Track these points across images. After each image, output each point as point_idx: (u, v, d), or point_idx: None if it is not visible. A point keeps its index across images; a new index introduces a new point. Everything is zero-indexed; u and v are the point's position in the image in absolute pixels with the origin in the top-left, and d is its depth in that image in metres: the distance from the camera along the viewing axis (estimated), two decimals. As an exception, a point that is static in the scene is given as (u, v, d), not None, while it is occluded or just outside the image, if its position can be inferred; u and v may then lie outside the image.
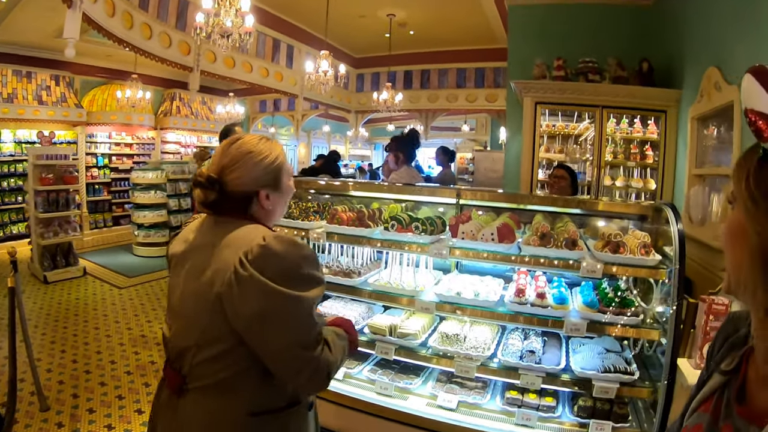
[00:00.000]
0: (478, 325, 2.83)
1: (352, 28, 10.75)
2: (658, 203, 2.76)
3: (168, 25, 8.15)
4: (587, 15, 6.17)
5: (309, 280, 1.47)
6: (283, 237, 1.49)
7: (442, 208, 3.25)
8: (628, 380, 2.37)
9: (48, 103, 10.44)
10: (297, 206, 3.20)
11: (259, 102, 15.85)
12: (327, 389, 2.69)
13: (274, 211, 1.67)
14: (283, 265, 1.43)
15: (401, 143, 4.67)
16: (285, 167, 1.67)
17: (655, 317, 2.54)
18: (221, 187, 1.56)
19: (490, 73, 12.32)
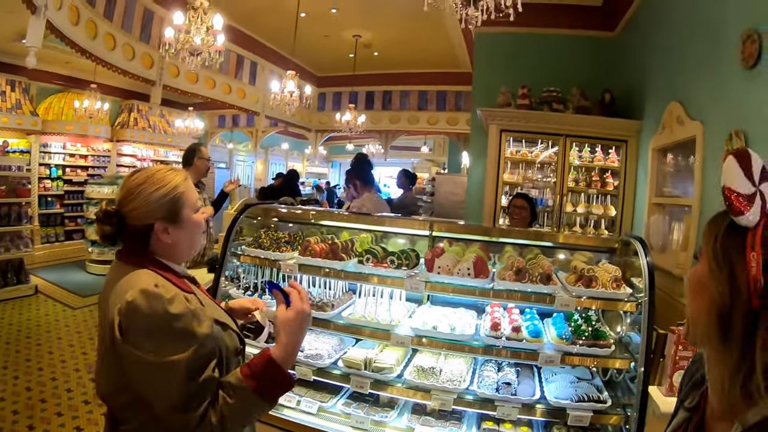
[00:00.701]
0: (452, 358, 2.83)
1: (317, 47, 10.80)
2: (626, 236, 2.84)
3: (132, 36, 8.01)
4: (552, 45, 6.34)
5: (180, 340, 1.37)
6: (151, 292, 1.38)
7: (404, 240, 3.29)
8: (601, 408, 2.41)
9: (2, 109, 10.02)
10: (267, 236, 3.15)
11: (218, 117, 15.69)
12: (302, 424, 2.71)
13: (177, 246, 1.59)
14: (147, 325, 1.36)
15: (354, 171, 4.69)
16: (186, 199, 1.59)
17: (622, 346, 2.61)
18: (121, 221, 1.53)
19: (452, 97, 12.53)
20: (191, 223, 1.61)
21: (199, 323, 1.42)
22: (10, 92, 10.29)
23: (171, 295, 1.40)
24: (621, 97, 5.44)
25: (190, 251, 1.66)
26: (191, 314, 1.41)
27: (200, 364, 1.38)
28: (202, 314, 1.46)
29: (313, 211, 3.78)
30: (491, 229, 3.87)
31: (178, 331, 1.37)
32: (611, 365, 2.52)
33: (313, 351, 2.82)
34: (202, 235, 1.69)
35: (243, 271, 3.32)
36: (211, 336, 1.46)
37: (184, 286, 1.52)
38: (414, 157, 19.72)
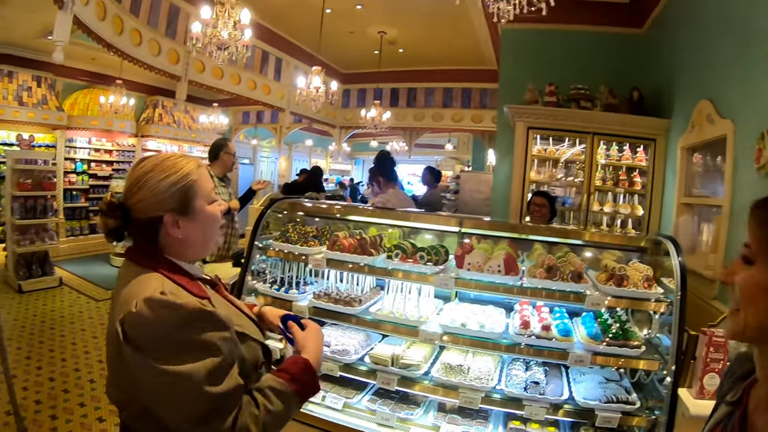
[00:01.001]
0: (480, 356, 2.80)
1: (342, 43, 10.79)
2: (657, 235, 2.79)
3: (158, 32, 8.06)
4: (579, 41, 6.26)
5: (192, 349, 1.24)
6: (157, 299, 1.24)
7: (431, 235, 3.25)
8: (630, 410, 2.37)
9: (29, 105, 10.21)
10: (294, 230, 3.15)
11: (242, 113, 15.77)
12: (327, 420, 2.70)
13: (189, 241, 1.44)
14: (156, 334, 1.23)
15: (377, 168, 4.68)
16: (198, 188, 1.44)
17: (652, 347, 2.56)
18: (126, 213, 1.39)
19: (477, 94, 12.43)
20: (205, 216, 1.46)
21: (214, 328, 1.29)
22: (36, 88, 10.48)
23: (181, 301, 1.26)
24: (649, 95, 5.36)
25: (204, 248, 1.52)
26: (203, 319, 1.28)
27: (219, 373, 1.26)
28: (222, 321, 1.32)
29: (339, 205, 3.77)
30: (520, 226, 3.83)
31: (190, 340, 1.24)
32: (641, 366, 2.47)
33: (340, 346, 2.80)
34: (221, 230, 1.55)
35: (270, 265, 3.31)
36: (232, 344, 1.34)
37: (196, 290, 1.37)
38: (438, 154, 19.67)
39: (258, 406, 1.33)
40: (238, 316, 1.55)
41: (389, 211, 3.50)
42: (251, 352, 1.48)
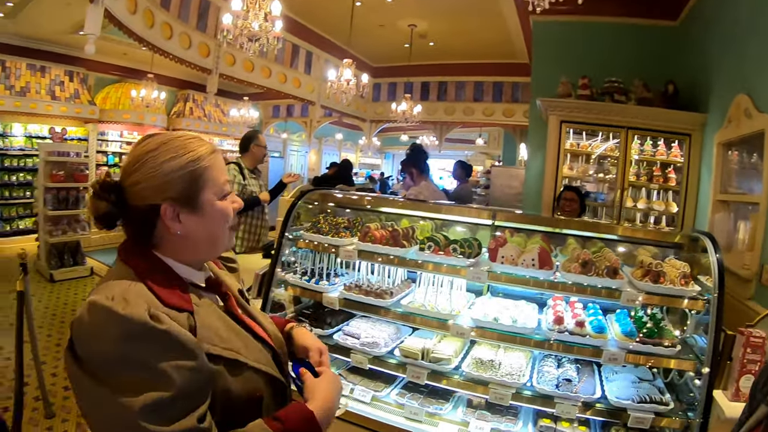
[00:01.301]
0: (511, 351, 2.76)
1: (372, 37, 10.79)
2: (694, 231, 2.73)
3: (189, 25, 8.16)
4: (612, 33, 6.16)
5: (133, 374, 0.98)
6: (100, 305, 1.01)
7: (463, 228, 3.21)
8: (663, 410, 2.30)
9: (61, 99, 10.45)
10: (326, 221, 3.14)
11: (272, 107, 15.88)
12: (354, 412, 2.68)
13: (190, 240, 1.20)
14: (94, 348, 1.00)
15: (410, 160, 4.68)
16: (209, 177, 1.21)
17: (687, 347, 2.49)
18: (121, 197, 1.17)
19: (508, 88, 12.32)
20: (213, 211, 1.22)
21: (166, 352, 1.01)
22: (69, 82, 10.73)
23: (125, 312, 0.99)
24: (685, 89, 5.25)
25: (210, 249, 1.28)
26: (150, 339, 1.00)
27: (170, 412, 0.98)
28: (183, 345, 1.04)
29: (370, 197, 3.76)
30: (554, 219, 3.78)
31: (131, 364, 0.98)
32: (676, 366, 2.39)
33: (370, 339, 2.78)
34: (230, 231, 1.31)
35: (300, 256, 3.31)
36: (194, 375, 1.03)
37: (178, 302, 1.12)
38: (468, 149, 19.59)
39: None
40: (240, 336, 1.26)
41: (421, 203, 3.48)
42: (245, 384, 1.18)
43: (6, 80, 9.76)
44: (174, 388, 0.98)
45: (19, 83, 9.94)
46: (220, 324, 1.21)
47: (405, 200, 3.76)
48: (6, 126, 10.05)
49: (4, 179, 10.03)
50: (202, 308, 1.19)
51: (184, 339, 1.04)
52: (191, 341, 1.06)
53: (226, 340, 1.18)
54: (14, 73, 9.91)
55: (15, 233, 10.11)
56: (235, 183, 4.55)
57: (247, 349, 1.23)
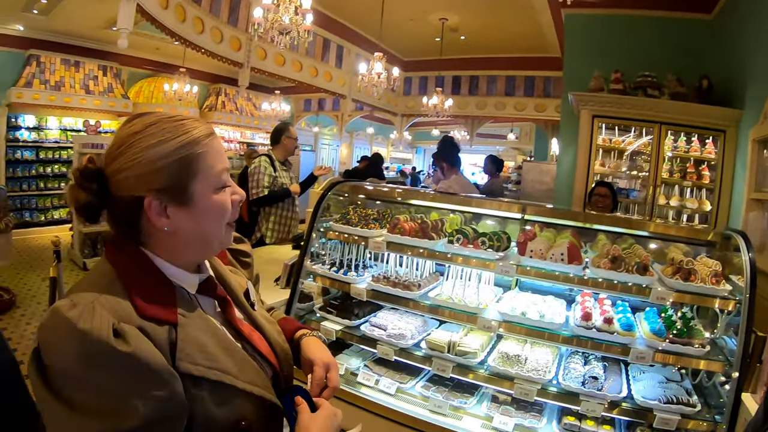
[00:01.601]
0: (538, 347, 2.74)
1: (402, 30, 10.79)
2: (727, 229, 2.66)
3: (220, 20, 8.26)
4: (645, 27, 6.06)
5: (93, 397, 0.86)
6: (62, 317, 0.88)
7: (492, 222, 3.20)
8: (690, 412, 2.25)
9: (95, 93, 10.73)
10: (355, 212, 3.15)
11: (304, 101, 16.07)
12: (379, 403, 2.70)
13: (179, 237, 1.05)
14: (55, 363, 0.88)
15: (441, 153, 4.67)
16: (203, 165, 1.05)
17: (717, 348, 2.44)
18: (103, 186, 1.02)
19: (540, 83, 12.20)
20: (207, 205, 1.06)
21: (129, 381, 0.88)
22: (102, 77, 11.00)
23: (84, 326, 0.86)
24: (719, 84, 5.14)
25: (203, 249, 1.12)
26: (121, 367, 0.87)
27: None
28: (152, 370, 0.90)
29: (400, 189, 3.75)
30: (584, 214, 3.73)
31: (92, 388, 0.86)
32: (704, 367, 2.34)
33: (397, 330, 2.80)
34: (228, 227, 1.14)
35: (329, 248, 3.34)
36: (165, 404, 0.90)
37: (160, 314, 0.98)
38: (500, 144, 19.49)
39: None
40: (231, 352, 1.08)
41: (451, 196, 3.47)
42: (229, 409, 1.02)
43: (41, 75, 10.03)
44: (137, 419, 0.86)
45: (54, 78, 10.21)
46: (208, 339, 1.04)
47: (435, 193, 3.75)
48: (41, 119, 10.34)
49: (40, 171, 10.33)
50: (190, 320, 1.03)
51: (152, 364, 0.90)
52: (161, 366, 0.91)
53: (212, 359, 1.02)
54: (49, 68, 10.19)
55: (49, 223, 10.41)
56: (266, 174, 4.62)
57: (238, 368, 1.06)
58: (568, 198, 5.73)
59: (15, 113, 9.93)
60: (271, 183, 4.66)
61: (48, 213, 10.52)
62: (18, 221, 9.09)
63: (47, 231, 10.08)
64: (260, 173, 4.62)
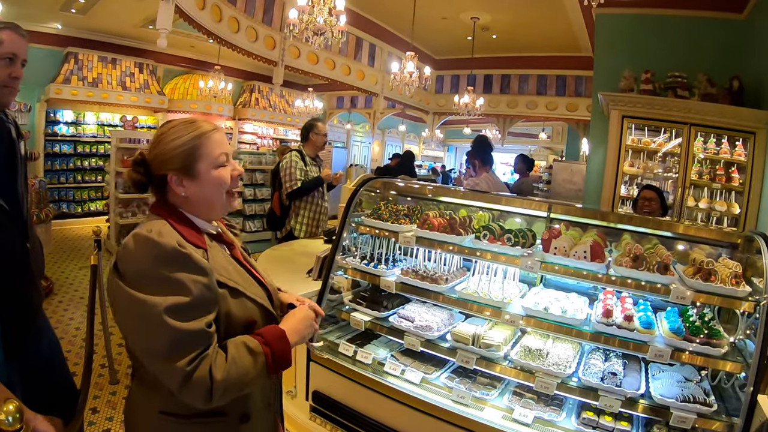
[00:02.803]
0: (560, 342, 2.82)
1: (434, 29, 10.83)
2: (750, 232, 2.67)
3: (255, 19, 8.44)
4: (676, 26, 6.02)
5: (162, 284, 1.35)
6: (142, 235, 1.38)
7: (520, 219, 3.27)
8: (706, 412, 2.29)
9: (131, 89, 11.05)
10: (386, 208, 3.26)
11: (336, 98, 16.21)
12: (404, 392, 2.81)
13: (194, 201, 1.55)
14: (134, 266, 1.37)
15: (473, 151, 4.74)
16: (203, 152, 1.53)
17: (736, 349, 2.46)
18: (147, 169, 1.54)
19: (572, 82, 12.11)
20: (209, 178, 1.54)
21: (190, 273, 1.37)
22: (139, 74, 11.32)
23: (159, 240, 1.37)
24: (750, 85, 5.10)
25: (210, 209, 1.60)
26: (176, 259, 1.37)
27: (186, 314, 1.34)
28: (199, 266, 1.41)
29: (430, 186, 3.83)
30: (609, 213, 3.77)
31: (162, 277, 1.34)
32: (722, 367, 2.37)
33: (423, 322, 2.90)
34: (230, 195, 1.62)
35: (361, 242, 3.44)
36: (206, 290, 1.40)
37: (193, 239, 1.49)
38: (531, 143, 19.37)
39: (227, 356, 1.39)
40: (241, 274, 1.63)
41: (479, 194, 3.54)
42: (243, 309, 1.54)
43: (79, 72, 10.38)
44: (191, 295, 1.36)
45: (92, 74, 10.55)
46: (225, 262, 1.59)
47: (464, 190, 3.84)
48: (79, 114, 10.71)
49: (77, 164, 10.71)
50: (213, 249, 1.57)
51: (200, 262, 1.42)
52: (206, 264, 1.43)
53: (230, 273, 1.56)
54: (86, 65, 10.54)
55: (86, 215, 10.78)
56: (298, 168, 4.79)
57: (246, 283, 1.61)
58: (597, 198, 5.74)
59: (54, 108, 10.29)
60: (303, 176, 4.83)
61: (85, 205, 10.89)
62: (56, 212, 9.40)
63: (84, 222, 10.47)
64: (292, 167, 4.80)
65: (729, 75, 5.19)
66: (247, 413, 1.57)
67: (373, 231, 3.18)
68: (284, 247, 4.72)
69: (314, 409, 3.23)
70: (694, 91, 5.33)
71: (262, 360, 1.45)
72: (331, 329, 3.41)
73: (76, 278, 6.91)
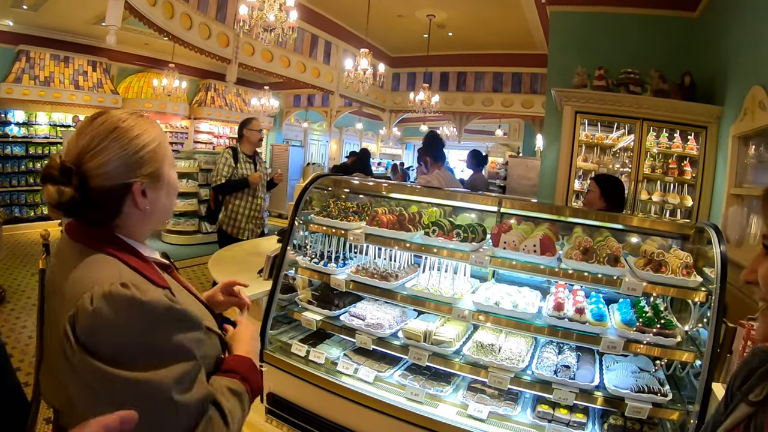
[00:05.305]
0: (513, 336, 2.80)
1: (390, 27, 10.82)
2: (701, 223, 2.69)
3: (208, 16, 8.29)
4: (630, 24, 6.10)
5: (162, 355, 1.04)
6: (119, 295, 1.00)
7: (475, 215, 3.22)
8: (661, 401, 2.30)
9: (84, 88, 10.71)
10: (336, 205, 3.20)
11: (293, 96, 16.10)
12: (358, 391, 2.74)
13: (152, 214, 1.21)
14: (117, 338, 1.00)
15: (425, 148, 4.70)
16: (168, 153, 1.24)
17: (689, 339, 2.49)
18: (81, 181, 1.10)
19: (527, 79, 12.25)
20: (171, 182, 1.26)
21: (185, 329, 1.09)
22: (92, 72, 10.98)
23: (147, 298, 1.03)
24: (702, 81, 5.20)
25: (163, 219, 1.30)
26: (174, 319, 1.08)
27: (188, 378, 1.08)
28: (195, 320, 1.14)
29: (380, 183, 3.78)
30: (559, 207, 3.78)
31: (158, 346, 1.04)
32: (675, 357, 2.39)
33: (375, 320, 2.85)
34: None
35: (311, 240, 3.38)
36: (201, 341, 1.15)
37: (155, 278, 1.14)
38: (488, 140, 19.49)
39: (222, 411, 1.16)
40: (196, 305, 1.33)
41: (429, 190, 3.52)
42: (213, 346, 1.28)
43: (30, 70, 10.03)
44: (194, 359, 1.10)
45: (44, 73, 10.20)
46: (185, 296, 1.28)
47: (414, 186, 3.79)
48: (30, 115, 10.32)
49: (29, 166, 10.32)
50: (171, 283, 1.21)
51: (192, 314, 1.13)
52: (195, 314, 1.14)
53: (193, 309, 1.19)
54: (38, 64, 10.19)
55: (39, 219, 10.37)
56: (226, 165, 4.87)
57: (202, 313, 1.30)
58: (551, 193, 5.78)
59: (4, 108, 9.92)
60: (230, 173, 4.88)
61: (38, 208, 10.50)
62: (7, 217, 9.06)
63: (36, 226, 10.04)
64: (220, 163, 4.91)
65: (681, 72, 5.28)
66: None
67: (323, 229, 3.11)
68: (236, 247, 4.65)
69: (270, 411, 3.16)
70: (647, 87, 5.40)
71: (246, 398, 1.27)
72: (284, 329, 3.34)
73: (29, 285, 6.69)
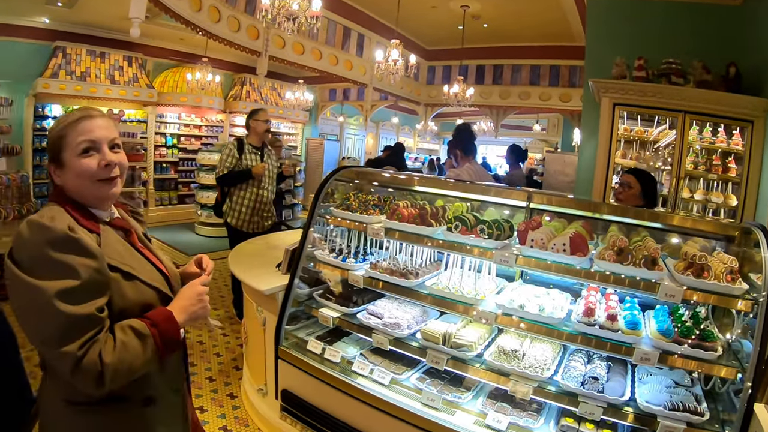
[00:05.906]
0: (539, 342, 2.62)
1: (424, 19, 10.63)
2: (747, 223, 2.45)
3: (237, 9, 8.27)
4: (671, 12, 5.79)
5: (54, 268, 1.35)
6: (35, 221, 1.38)
7: (508, 211, 3.03)
8: (697, 421, 2.08)
9: (120, 83, 10.83)
10: (356, 198, 3.08)
11: (328, 90, 16.04)
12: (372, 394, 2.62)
13: (68, 188, 1.55)
14: (28, 252, 1.36)
15: (455, 141, 4.56)
16: (67, 141, 1.53)
17: (731, 351, 2.25)
18: None
19: (566, 72, 11.90)
20: (72, 167, 1.53)
21: (75, 253, 1.38)
22: (128, 67, 11.09)
23: (50, 224, 1.37)
24: (748, 73, 4.88)
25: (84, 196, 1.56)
26: (66, 243, 1.37)
27: (75, 295, 1.35)
28: (89, 250, 1.41)
29: (404, 175, 3.60)
30: (594, 203, 3.56)
31: (53, 261, 1.35)
32: (715, 372, 2.14)
33: (393, 319, 2.72)
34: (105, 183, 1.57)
35: (334, 234, 3.29)
36: (97, 274, 1.41)
37: (89, 225, 1.51)
38: (526, 136, 19.17)
39: (116, 340, 1.39)
40: (136, 259, 1.62)
41: (456, 184, 3.34)
42: (138, 293, 1.54)
43: (67, 66, 10.14)
44: (80, 279, 1.36)
45: (80, 68, 10.31)
46: (119, 246, 1.58)
47: (441, 180, 3.64)
48: (67, 109, 10.40)
49: (66, 159, 10.44)
50: (106, 233, 1.56)
51: (90, 246, 1.42)
52: (95, 248, 1.44)
53: (123, 257, 1.55)
54: (75, 59, 10.30)
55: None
56: (230, 156, 4.86)
57: (140, 267, 1.60)
58: (588, 189, 5.53)
59: (42, 103, 10.05)
60: (233, 164, 4.88)
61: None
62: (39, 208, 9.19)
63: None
64: (225, 154, 4.90)
65: (725, 62, 4.97)
66: (150, 396, 1.58)
67: (342, 222, 3.02)
68: (258, 240, 4.56)
69: (284, 408, 3.10)
70: (689, 78, 5.11)
71: (150, 342, 1.45)
72: (303, 324, 3.26)
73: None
